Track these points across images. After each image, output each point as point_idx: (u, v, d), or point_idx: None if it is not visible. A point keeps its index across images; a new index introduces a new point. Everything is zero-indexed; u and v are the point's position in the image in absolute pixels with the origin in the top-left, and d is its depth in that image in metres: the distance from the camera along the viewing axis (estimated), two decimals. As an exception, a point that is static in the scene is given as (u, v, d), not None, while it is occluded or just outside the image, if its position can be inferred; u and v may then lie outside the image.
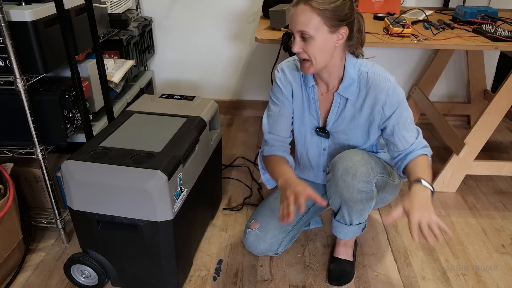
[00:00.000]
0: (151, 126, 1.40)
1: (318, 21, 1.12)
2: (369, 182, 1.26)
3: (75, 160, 1.19)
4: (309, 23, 1.12)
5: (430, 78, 2.44)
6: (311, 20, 1.12)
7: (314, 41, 1.14)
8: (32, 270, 1.48)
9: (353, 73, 1.26)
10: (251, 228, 1.45)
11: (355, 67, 1.27)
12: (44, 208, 1.68)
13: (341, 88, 1.28)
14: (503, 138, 2.44)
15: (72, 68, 1.39)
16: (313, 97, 1.34)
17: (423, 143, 1.29)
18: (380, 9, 2.07)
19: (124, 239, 1.26)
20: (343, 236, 1.43)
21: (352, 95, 1.28)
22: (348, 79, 1.26)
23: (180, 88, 2.70)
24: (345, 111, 1.31)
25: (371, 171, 1.26)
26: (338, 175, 1.27)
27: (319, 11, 1.11)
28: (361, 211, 1.34)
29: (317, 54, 1.17)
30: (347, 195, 1.28)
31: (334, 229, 1.44)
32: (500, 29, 1.65)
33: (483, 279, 1.46)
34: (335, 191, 1.32)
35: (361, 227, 1.42)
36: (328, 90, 1.32)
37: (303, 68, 1.21)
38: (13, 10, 1.24)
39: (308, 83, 1.33)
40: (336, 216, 1.42)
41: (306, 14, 1.12)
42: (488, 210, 1.82)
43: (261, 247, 1.42)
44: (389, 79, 1.24)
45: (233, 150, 2.30)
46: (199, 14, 2.44)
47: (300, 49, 1.17)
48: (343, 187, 1.27)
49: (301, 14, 1.12)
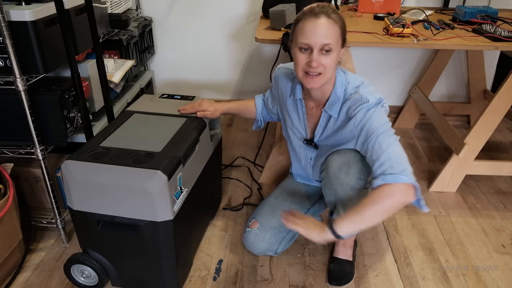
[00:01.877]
0: (151, 126, 1.40)
1: (338, 34, 1.13)
2: (362, 178, 1.26)
3: (75, 160, 1.19)
4: (332, 35, 1.12)
5: (430, 78, 2.44)
6: (333, 32, 1.12)
7: (333, 54, 1.14)
8: (32, 270, 1.48)
9: (339, 91, 1.26)
10: (251, 228, 1.45)
11: (342, 85, 1.26)
12: (44, 208, 1.68)
13: (327, 105, 1.28)
14: (503, 138, 2.44)
15: (72, 68, 1.39)
16: (301, 109, 1.36)
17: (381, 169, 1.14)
18: (380, 9, 2.07)
19: (124, 239, 1.26)
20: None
21: (336, 113, 1.27)
22: (334, 97, 1.26)
23: (180, 88, 2.70)
24: (330, 127, 1.32)
25: (364, 168, 1.26)
26: (332, 173, 1.27)
27: (339, 24, 1.13)
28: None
29: (331, 68, 1.16)
30: (341, 192, 1.28)
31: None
32: (500, 29, 1.65)
33: (483, 279, 1.46)
34: (330, 188, 1.31)
35: None
36: (318, 105, 1.33)
37: (313, 82, 1.18)
38: (13, 10, 1.24)
39: (296, 95, 1.34)
40: (333, 215, 1.41)
41: (330, 26, 1.12)
42: (488, 210, 1.82)
43: (260, 247, 1.42)
44: (368, 99, 1.19)
45: (233, 150, 2.30)
46: (199, 14, 2.44)
47: (319, 64, 1.14)
48: (337, 184, 1.27)
49: (326, 27, 1.11)
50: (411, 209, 1.81)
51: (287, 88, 1.38)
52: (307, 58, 1.15)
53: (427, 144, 2.39)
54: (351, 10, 2.13)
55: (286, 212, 1.20)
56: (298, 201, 1.54)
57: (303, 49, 1.15)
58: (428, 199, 1.88)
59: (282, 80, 1.40)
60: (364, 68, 2.51)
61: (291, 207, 1.51)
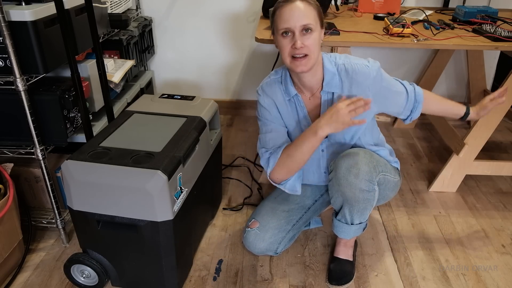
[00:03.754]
0: (151, 126, 1.40)
1: (315, 15, 1.19)
2: (371, 181, 1.26)
3: (75, 160, 1.19)
4: (310, 16, 1.18)
5: (430, 78, 2.44)
6: (311, 13, 1.18)
7: (313, 34, 1.19)
8: (32, 270, 1.48)
9: (331, 67, 1.29)
10: (251, 228, 1.45)
11: (330, 61, 1.30)
12: (44, 208, 1.68)
13: (325, 84, 1.30)
14: (503, 138, 2.44)
15: (72, 68, 1.39)
16: (299, 104, 1.36)
17: (410, 85, 1.40)
18: (380, 9, 2.07)
19: (124, 239, 1.26)
20: (344, 235, 1.43)
21: (337, 88, 1.30)
22: (329, 74, 1.29)
23: (180, 88, 2.70)
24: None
25: (373, 170, 1.27)
26: (341, 174, 1.27)
27: (314, 6, 1.19)
28: (363, 210, 1.34)
29: (315, 48, 1.20)
30: (350, 194, 1.28)
31: (335, 229, 1.44)
32: (500, 29, 1.65)
33: (483, 279, 1.46)
34: (337, 190, 1.32)
35: (362, 227, 1.42)
36: (313, 93, 1.34)
37: (301, 65, 1.21)
38: (13, 10, 1.24)
39: (290, 93, 1.34)
40: (338, 216, 1.42)
41: (306, 8, 1.17)
42: (488, 210, 1.82)
43: (260, 246, 1.42)
44: (367, 65, 1.29)
45: (233, 150, 2.30)
46: (199, 14, 2.44)
47: (303, 44, 1.18)
48: (345, 186, 1.27)
49: (302, 9, 1.17)
50: (411, 209, 1.81)
51: (278, 94, 1.36)
52: (290, 41, 1.19)
53: (427, 144, 2.39)
54: (351, 10, 2.13)
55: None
56: (298, 201, 1.54)
57: (285, 34, 1.19)
58: (428, 199, 1.88)
59: (270, 88, 1.37)
60: (364, 68, 2.51)
61: (291, 206, 1.51)
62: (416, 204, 1.85)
